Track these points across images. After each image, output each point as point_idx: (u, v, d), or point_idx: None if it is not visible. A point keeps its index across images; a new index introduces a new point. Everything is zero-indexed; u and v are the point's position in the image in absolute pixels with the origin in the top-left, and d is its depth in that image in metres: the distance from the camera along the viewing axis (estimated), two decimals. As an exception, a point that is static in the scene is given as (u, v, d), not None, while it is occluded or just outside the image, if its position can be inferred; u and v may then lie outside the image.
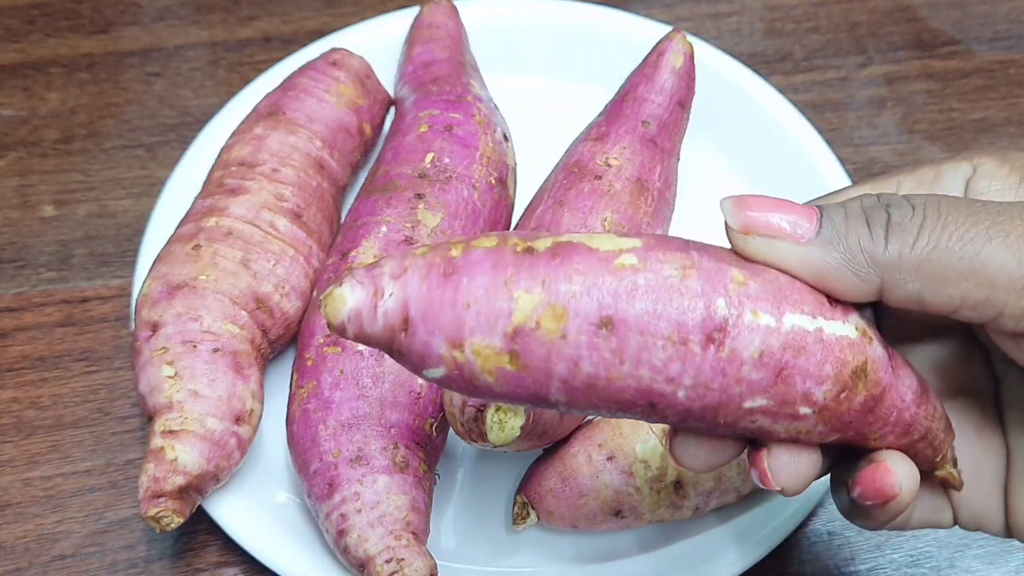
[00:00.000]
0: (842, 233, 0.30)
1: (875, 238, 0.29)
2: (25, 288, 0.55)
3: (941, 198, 0.30)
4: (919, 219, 0.29)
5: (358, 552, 0.41)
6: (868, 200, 0.30)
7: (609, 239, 0.29)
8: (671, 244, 0.30)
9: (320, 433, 0.44)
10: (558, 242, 0.29)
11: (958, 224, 0.29)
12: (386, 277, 0.29)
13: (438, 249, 0.29)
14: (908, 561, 0.49)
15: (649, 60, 0.54)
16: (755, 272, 0.30)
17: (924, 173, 0.34)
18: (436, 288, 0.28)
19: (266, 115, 0.52)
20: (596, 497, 0.44)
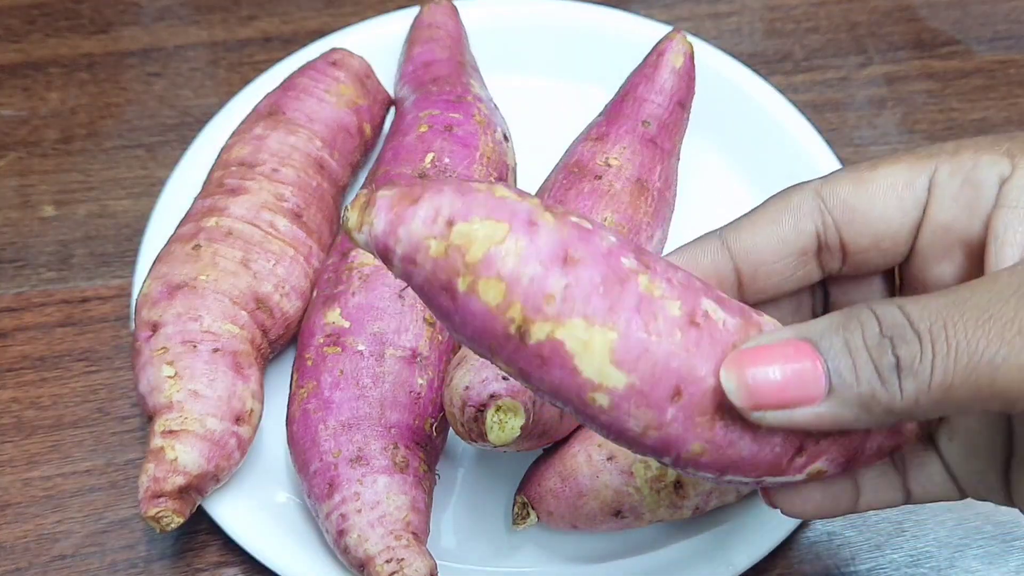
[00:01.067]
0: (853, 387, 0.29)
1: (888, 388, 0.28)
2: (25, 288, 0.55)
3: (947, 312, 0.28)
4: (929, 356, 0.28)
5: (358, 552, 0.41)
6: (871, 334, 0.29)
7: (598, 366, 0.29)
8: (655, 393, 0.29)
9: (320, 433, 0.44)
10: (552, 339, 0.29)
11: (970, 348, 0.28)
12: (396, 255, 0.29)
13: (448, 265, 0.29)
14: (908, 561, 0.49)
15: (649, 60, 0.54)
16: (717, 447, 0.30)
17: (963, 160, 0.33)
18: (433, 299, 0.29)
19: (266, 115, 0.52)
20: (596, 497, 0.44)
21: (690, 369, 0.29)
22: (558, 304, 0.28)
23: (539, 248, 0.28)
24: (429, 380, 0.45)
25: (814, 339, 0.29)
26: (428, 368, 0.45)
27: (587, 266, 0.29)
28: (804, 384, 0.29)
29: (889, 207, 0.33)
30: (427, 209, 0.29)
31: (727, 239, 0.34)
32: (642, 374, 0.29)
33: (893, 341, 0.28)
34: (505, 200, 0.29)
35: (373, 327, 0.45)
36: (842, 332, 0.29)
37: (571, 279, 0.28)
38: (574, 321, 0.29)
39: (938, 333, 0.28)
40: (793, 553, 0.49)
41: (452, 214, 0.29)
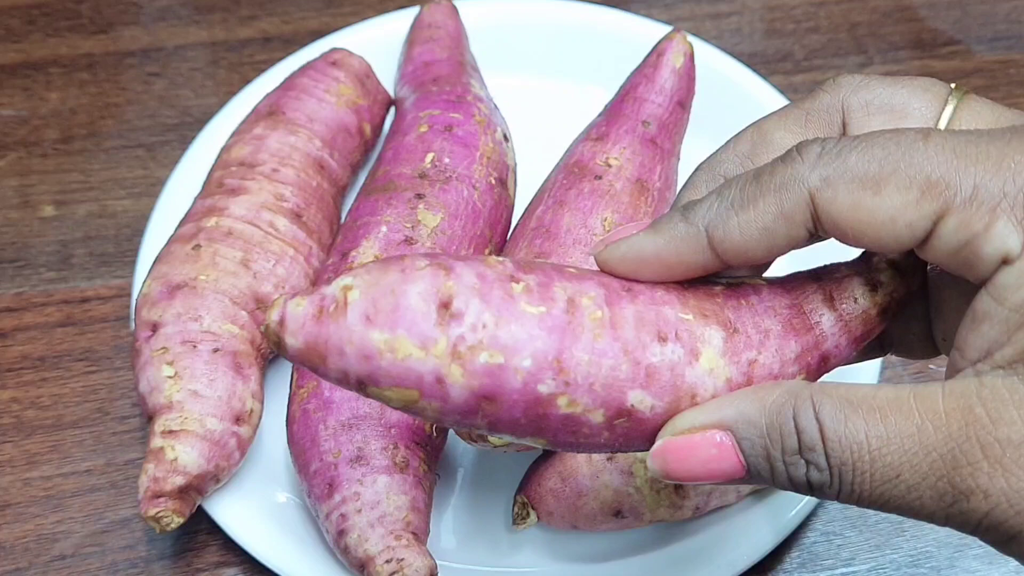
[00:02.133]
0: (767, 481, 0.31)
1: (802, 493, 0.31)
2: (25, 288, 0.55)
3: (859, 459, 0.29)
4: (835, 489, 0.30)
5: (358, 552, 0.41)
6: (790, 449, 0.30)
7: None
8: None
9: (320, 433, 0.44)
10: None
11: (872, 499, 0.30)
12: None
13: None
14: (908, 561, 0.49)
15: (649, 60, 0.54)
16: None
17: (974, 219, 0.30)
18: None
19: (266, 115, 0.52)
20: (596, 497, 0.44)
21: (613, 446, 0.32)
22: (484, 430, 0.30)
23: (453, 405, 0.29)
24: (429, 380, 0.45)
25: (736, 430, 0.31)
26: (428, 368, 0.45)
27: (504, 405, 0.29)
28: (723, 472, 0.31)
29: (884, 238, 0.31)
30: (336, 372, 0.29)
31: (714, 240, 0.33)
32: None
33: (808, 466, 0.30)
34: (408, 363, 0.29)
35: (373, 327, 0.45)
36: (765, 440, 0.30)
37: (491, 419, 0.30)
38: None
39: (847, 476, 0.30)
40: (793, 553, 0.49)
41: (360, 378, 0.29)
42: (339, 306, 0.29)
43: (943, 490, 0.29)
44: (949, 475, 0.29)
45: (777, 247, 0.33)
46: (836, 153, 0.31)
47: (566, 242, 0.48)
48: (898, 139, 0.31)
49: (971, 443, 0.29)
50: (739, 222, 0.32)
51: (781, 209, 0.32)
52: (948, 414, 0.29)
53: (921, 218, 0.30)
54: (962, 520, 0.30)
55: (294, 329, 0.29)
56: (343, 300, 0.29)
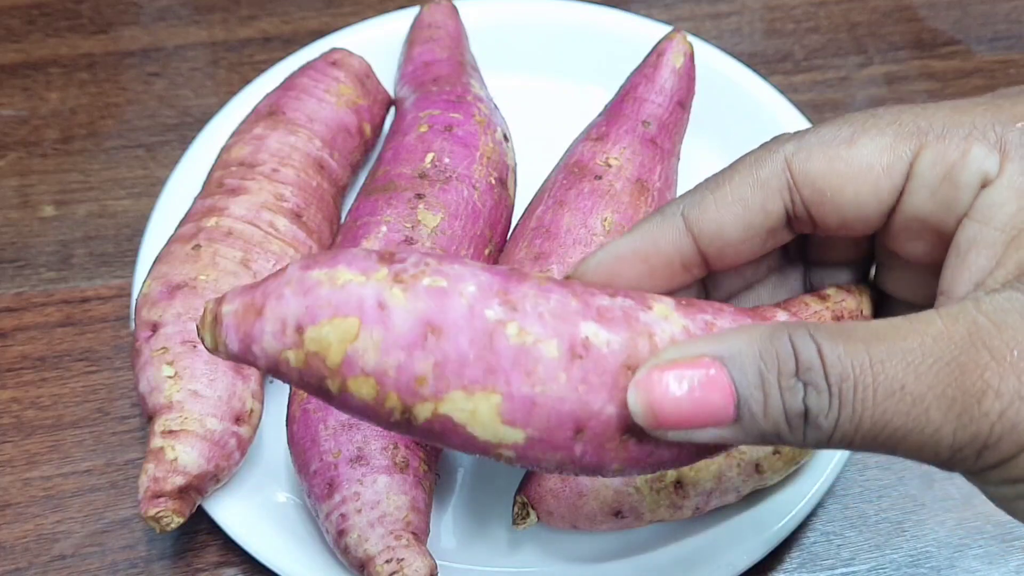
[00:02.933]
0: (759, 423, 0.28)
1: (793, 433, 0.28)
2: (25, 288, 0.55)
3: (860, 373, 0.27)
4: (835, 414, 0.27)
5: (358, 552, 0.41)
6: (787, 373, 0.28)
7: (492, 429, 0.28)
8: (557, 438, 0.28)
9: (320, 433, 0.44)
10: (438, 415, 0.28)
11: (874, 418, 0.27)
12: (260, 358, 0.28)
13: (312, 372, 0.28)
14: (908, 561, 0.49)
15: (649, 60, 0.54)
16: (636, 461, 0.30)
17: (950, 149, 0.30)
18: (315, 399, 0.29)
19: (266, 115, 0.52)
20: (596, 497, 0.44)
21: (583, 406, 0.28)
22: (432, 383, 0.27)
23: (396, 334, 0.27)
24: (429, 380, 0.45)
25: (728, 362, 0.28)
26: (428, 368, 0.45)
27: (450, 335, 0.28)
28: (711, 412, 0.28)
29: (862, 192, 0.31)
30: (273, 322, 0.28)
31: (689, 220, 0.32)
32: (537, 425, 0.28)
33: (806, 388, 0.28)
34: (348, 288, 0.27)
35: (373, 327, 0.45)
36: (759, 363, 0.28)
37: (438, 355, 0.27)
38: (453, 394, 0.28)
39: (847, 394, 0.27)
40: (793, 553, 0.49)
41: (299, 321, 0.27)
42: (276, 273, 0.28)
43: (952, 397, 0.27)
44: (957, 381, 0.27)
45: (755, 224, 0.32)
46: (809, 130, 0.32)
47: (566, 242, 0.48)
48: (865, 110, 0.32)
49: (977, 348, 0.27)
50: (715, 198, 0.32)
51: (757, 177, 0.31)
52: (949, 328, 0.27)
53: (898, 159, 0.30)
54: (973, 432, 0.27)
55: (230, 299, 0.28)
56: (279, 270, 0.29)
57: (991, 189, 0.29)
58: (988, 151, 0.30)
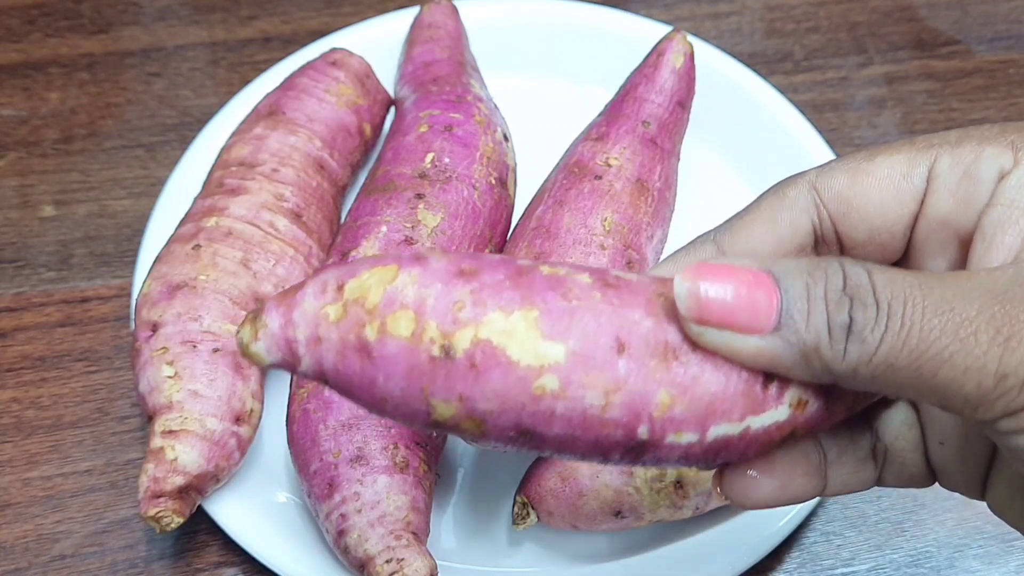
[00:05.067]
0: (800, 332, 0.28)
1: (834, 346, 0.28)
2: (25, 288, 0.55)
3: (909, 294, 0.27)
4: (881, 328, 0.27)
5: (358, 552, 0.41)
6: (833, 288, 0.28)
7: (532, 344, 0.27)
8: (599, 352, 0.28)
9: (320, 433, 0.44)
10: (477, 340, 0.27)
11: (921, 336, 0.27)
12: (301, 345, 0.28)
13: (352, 320, 0.28)
14: (908, 561, 0.49)
15: (649, 60, 0.54)
16: (684, 389, 0.28)
17: (965, 152, 0.31)
18: (354, 373, 0.28)
19: (266, 115, 0.52)
20: (596, 497, 0.44)
21: (622, 317, 0.28)
22: (470, 307, 0.28)
23: (434, 270, 0.28)
24: (429, 380, 0.45)
25: (777, 274, 0.28)
26: (428, 368, 0.45)
27: (486, 272, 0.28)
28: (754, 312, 0.28)
29: (886, 200, 0.32)
30: (313, 285, 0.28)
31: (721, 243, 0.33)
32: (577, 337, 0.28)
33: (852, 301, 0.27)
34: (386, 255, 0.29)
35: (373, 327, 0.45)
36: (806, 276, 0.28)
37: (475, 284, 0.28)
38: (491, 316, 0.27)
39: (896, 308, 0.27)
40: (793, 553, 0.49)
41: (339, 279, 0.28)
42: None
43: (1000, 321, 0.27)
44: (1006, 309, 0.27)
45: (784, 241, 0.33)
46: (827, 161, 0.33)
47: (566, 242, 0.48)
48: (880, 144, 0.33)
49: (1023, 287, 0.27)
50: (745, 221, 0.33)
51: (784, 197, 0.33)
52: (994, 274, 0.28)
53: (916, 166, 0.32)
54: (1021, 357, 0.27)
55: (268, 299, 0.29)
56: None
57: (1009, 177, 0.30)
58: (1001, 150, 0.31)
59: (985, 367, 0.27)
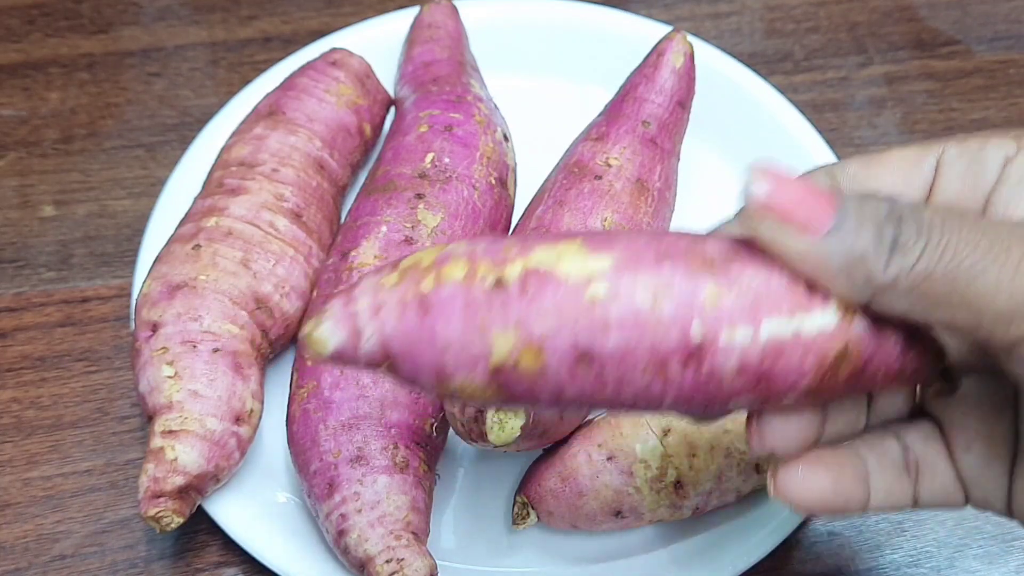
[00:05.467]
0: (849, 239, 0.29)
1: (878, 257, 0.29)
2: (25, 288, 0.55)
3: (948, 217, 0.30)
4: (922, 242, 0.29)
5: (358, 552, 0.41)
6: (884, 208, 0.30)
7: (578, 261, 0.29)
8: (643, 259, 0.29)
9: (320, 433, 0.44)
10: (527, 269, 0.29)
11: (957, 249, 0.29)
12: (363, 316, 0.29)
13: (409, 280, 0.29)
14: (908, 561, 0.49)
15: (649, 60, 0.54)
16: (731, 280, 0.29)
17: (971, 143, 0.34)
18: (413, 330, 0.29)
19: (266, 115, 0.52)
20: (596, 497, 0.44)
21: (660, 239, 0.30)
22: (517, 249, 0.30)
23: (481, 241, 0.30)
24: (429, 380, 0.45)
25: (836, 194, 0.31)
26: (428, 368, 0.45)
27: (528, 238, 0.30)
28: (813, 212, 0.30)
29: (897, 183, 0.34)
30: (371, 273, 0.30)
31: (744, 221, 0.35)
32: (620, 250, 0.29)
33: (900, 221, 0.30)
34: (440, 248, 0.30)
35: (373, 327, 0.45)
36: (861, 200, 0.30)
37: (520, 239, 0.30)
38: (537, 250, 0.29)
39: (936, 226, 0.30)
40: (793, 553, 0.49)
41: (392, 263, 0.30)
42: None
43: None
44: None
45: None
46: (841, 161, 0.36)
47: (566, 242, 0.48)
48: None
49: None
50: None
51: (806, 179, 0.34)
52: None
53: (925, 156, 0.34)
54: None
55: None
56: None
57: (1015, 160, 0.33)
58: (1007, 141, 0.34)
59: (1015, 281, 0.29)
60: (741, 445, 0.44)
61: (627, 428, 0.44)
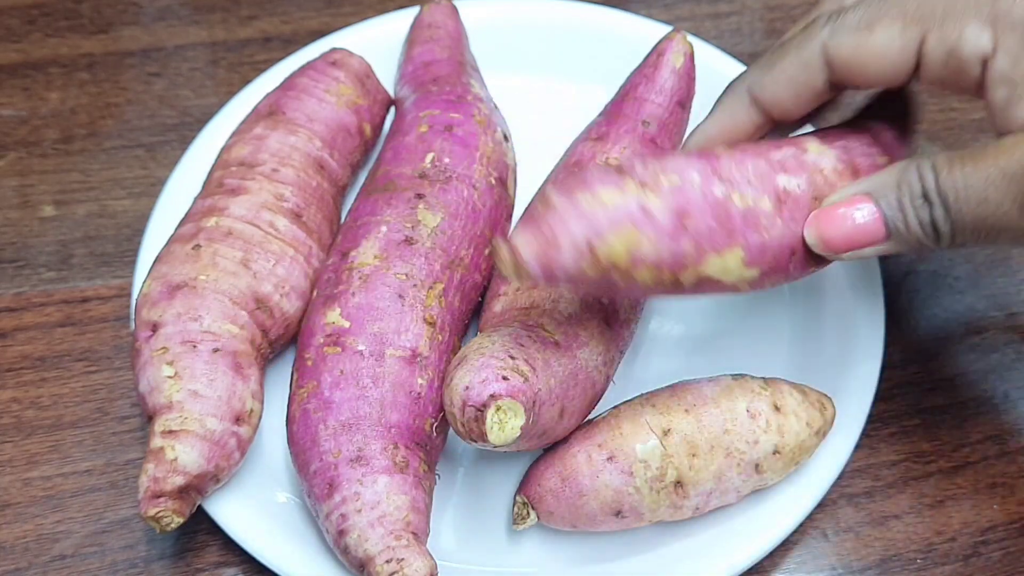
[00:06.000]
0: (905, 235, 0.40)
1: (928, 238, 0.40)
2: (25, 288, 0.55)
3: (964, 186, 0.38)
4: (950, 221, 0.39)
5: (358, 552, 0.41)
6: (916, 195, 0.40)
7: (738, 272, 0.39)
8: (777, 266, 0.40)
9: (320, 433, 0.44)
10: (699, 276, 0.38)
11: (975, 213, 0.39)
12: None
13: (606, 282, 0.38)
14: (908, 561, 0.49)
15: (649, 60, 0.54)
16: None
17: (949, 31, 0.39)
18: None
19: (266, 115, 0.52)
20: (596, 497, 0.44)
21: (794, 236, 0.40)
22: (693, 255, 0.38)
23: (662, 228, 0.37)
24: (429, 380, 0.45)
25: (874, 193, 0.40)
26: (428, 368, 0.45)
27: (697, 216, 0.38)
28: (867, 234, 0.40)
29: (886, 68, 0.40)
30: (568, 248, 0.36)
31: (754, 95, 0.43)
32: (768, 261, 0.40)
33: (930, 204, 0.39)
34: (616, 205, 0.37)
35: (373, 327, 0.45)
36: (896, 192, 0.40)
37: (693, 233, 0.37)
38: (709, 258, 0.38)
39: (952, 203, 0.39)
40: (793, 553, 0.49)
41: (588, 240, 0.36)
42: (542, 206, 0.37)
43: (1021, 199, 0.37)
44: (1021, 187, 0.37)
45: (803, 94, 0.42)
46: (839, 15, 0.41)
47: (566, 242, 0.48)
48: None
49: None
50: (772, 76, 0.43)
51: (800, 59, 0.42)
52: (1015, 146, 0.38)
53: (908, 41, 0.40)
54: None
55: (522, 243, 0.36)
56: (545, 202, 0.37)
57: (996, 59, 0.39)
58: (981, 27, 0.39)
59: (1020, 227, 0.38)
60: (741, 445, 0.44)
61: (627, 428, 0.44)
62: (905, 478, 0.50)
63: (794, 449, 0.45)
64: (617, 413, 0.45)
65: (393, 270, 0.47)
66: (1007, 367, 0.53)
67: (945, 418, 0.52)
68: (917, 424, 0.52)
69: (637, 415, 0.45)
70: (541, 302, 0.46)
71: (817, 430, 0.46)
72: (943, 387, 0.53)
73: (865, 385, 0.49)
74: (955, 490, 0.50)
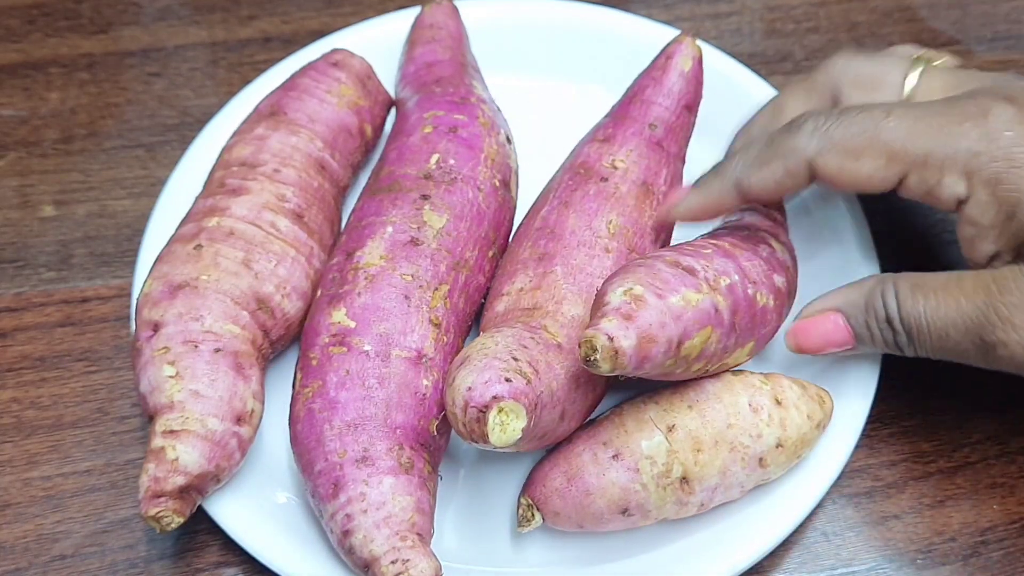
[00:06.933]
0: (871, 348, 0.47)
1: (893, 350, 0.47)
2: (25, 288, 0.55)
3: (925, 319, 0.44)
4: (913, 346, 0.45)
5: (363, 553, 0.41)
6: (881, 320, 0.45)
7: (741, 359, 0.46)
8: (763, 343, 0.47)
9: (325, 433, 0.43)
10: (722, 364, 0.45)
11: (934, 349, 0.44)
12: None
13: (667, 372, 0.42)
14: (908, 561, 0.49)
15: (657, 63, 0.54)
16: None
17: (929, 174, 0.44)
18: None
19: (267, 115, 0.52)
20: (603, 495, 0.44)
21: (777, 327, 0.47)
22: (732, 349, 0.44)
23: (724, 326, 0.42)
24: (434, 381, 0.45)
25: (845, 312, 0.46)
26: (433, 369, 0.45)
27: (740, 313, 0.43)
28: (838, 343, 0.46)
29: (867, 188, 0.45)
30: (662, 345, 0.40)
31: (741, 187, 0.47)
32: (760, 349, 0.47)
33: (894, 330, 0.45)
34: (699, 306, 0.41)
35: (379, 327, 0.45)
36: (863, 315, 0.46)
37: (737, 329, 0.43)
38: (737, 350, 0.45)
39: (915, 334, 0.44)
40: (793, 553, 0.49)
41: (679, 339, 0.40)
42: (635, 303, 0.40)
43: (979, 344, 0.42)
44: (980, 333, 0.42)
45: (785, 191, 0.47)
46: (824, 129, 0.45)
47: (570, 243, 0.48)
48: (869, 115, 0.44)
49: (989, 310, 0.42)
50: (759, 177, 0.46)
51: (787, 169, 0.45)
52: (974, 291, 0.42)
53: (890, 176, 0.44)
54: (999, 364, 0.43)
55: (622, 336, 0.39)
56: (634, 297, 0.40)
57: (968, 205, 0.43)
58: (956, 179, 0.43)
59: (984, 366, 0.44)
60: (745, 439, 0.44)
61: (631, 425, 0.44)
62: (905, 478, 0.51)
63: (796, 442, 0.45)
64: (620, 411, 0.45)
65: (399, 271, 0.46)
66: (1007, 367, 0.53)
67: (945, 418, 0.52)
68: (917, 424, 0.52)
69: (641, 412, 0.45)
70: (544, 304, 0.46)
71: (818, 423, 0.46)
72: (943, 387, 0.53)
73: (865, 385, 0.49)
74: (955, 490, 0.50)
